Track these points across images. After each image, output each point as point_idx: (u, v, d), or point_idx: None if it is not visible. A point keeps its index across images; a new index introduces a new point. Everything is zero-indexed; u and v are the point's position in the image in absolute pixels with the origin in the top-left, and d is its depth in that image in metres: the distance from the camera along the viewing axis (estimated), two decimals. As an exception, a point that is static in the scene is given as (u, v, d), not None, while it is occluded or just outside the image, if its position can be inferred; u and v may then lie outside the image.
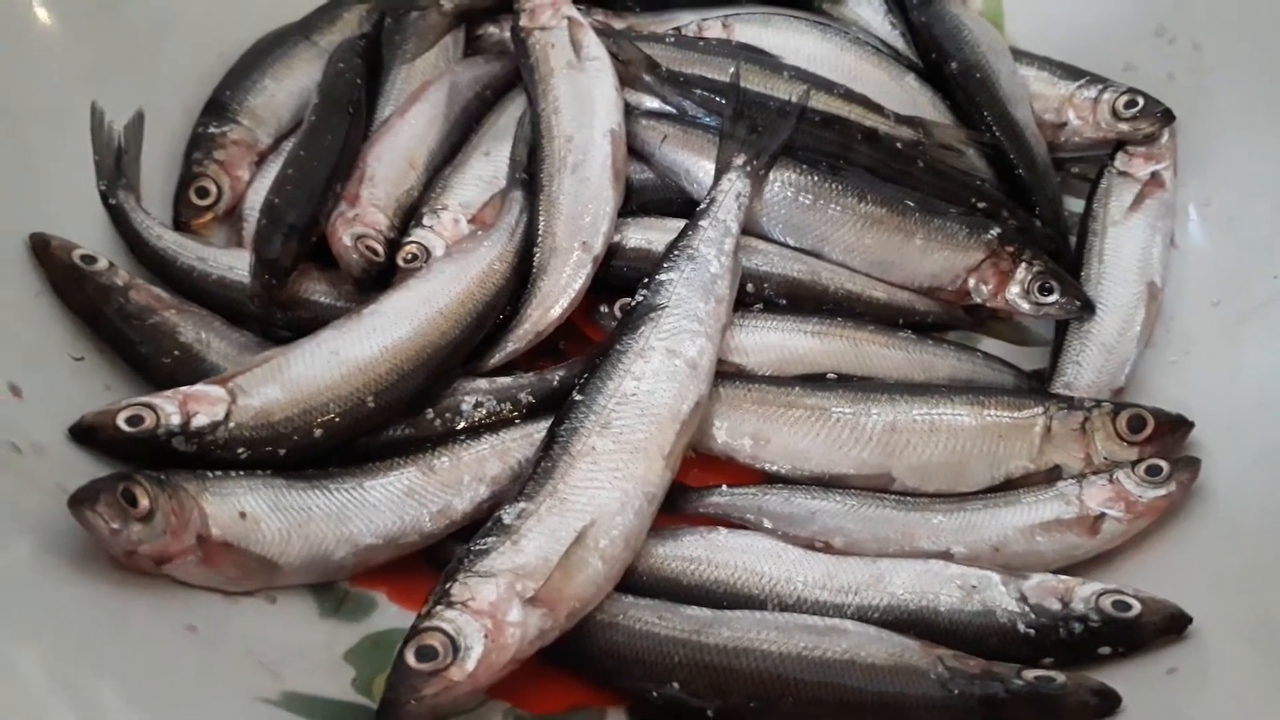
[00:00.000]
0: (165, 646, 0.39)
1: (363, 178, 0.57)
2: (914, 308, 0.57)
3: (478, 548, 0.44)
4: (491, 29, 0.66)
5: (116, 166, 0.56)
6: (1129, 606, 0.44)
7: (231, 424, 0.47)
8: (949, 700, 0.42)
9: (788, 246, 0.58)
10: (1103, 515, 0.49)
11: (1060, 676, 0.43)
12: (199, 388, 0.47)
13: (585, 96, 0.59)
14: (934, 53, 0.65)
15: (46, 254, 0.50)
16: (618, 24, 0.66)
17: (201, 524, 0.43)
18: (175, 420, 0.46)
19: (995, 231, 0.56)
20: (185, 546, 0.42)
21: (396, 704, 0.40)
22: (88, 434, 0.45)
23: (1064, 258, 0.59)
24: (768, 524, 0.51)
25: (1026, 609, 0.45)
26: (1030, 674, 0.43)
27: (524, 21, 0.61)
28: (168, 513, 0.42)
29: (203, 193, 0.58)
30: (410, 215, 0.57)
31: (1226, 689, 0.41)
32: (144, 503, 0.41)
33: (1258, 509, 0.48)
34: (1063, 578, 0.47)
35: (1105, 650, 0.45)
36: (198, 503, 0.43)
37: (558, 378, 0.52)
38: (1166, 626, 0.44)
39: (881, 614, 0.46)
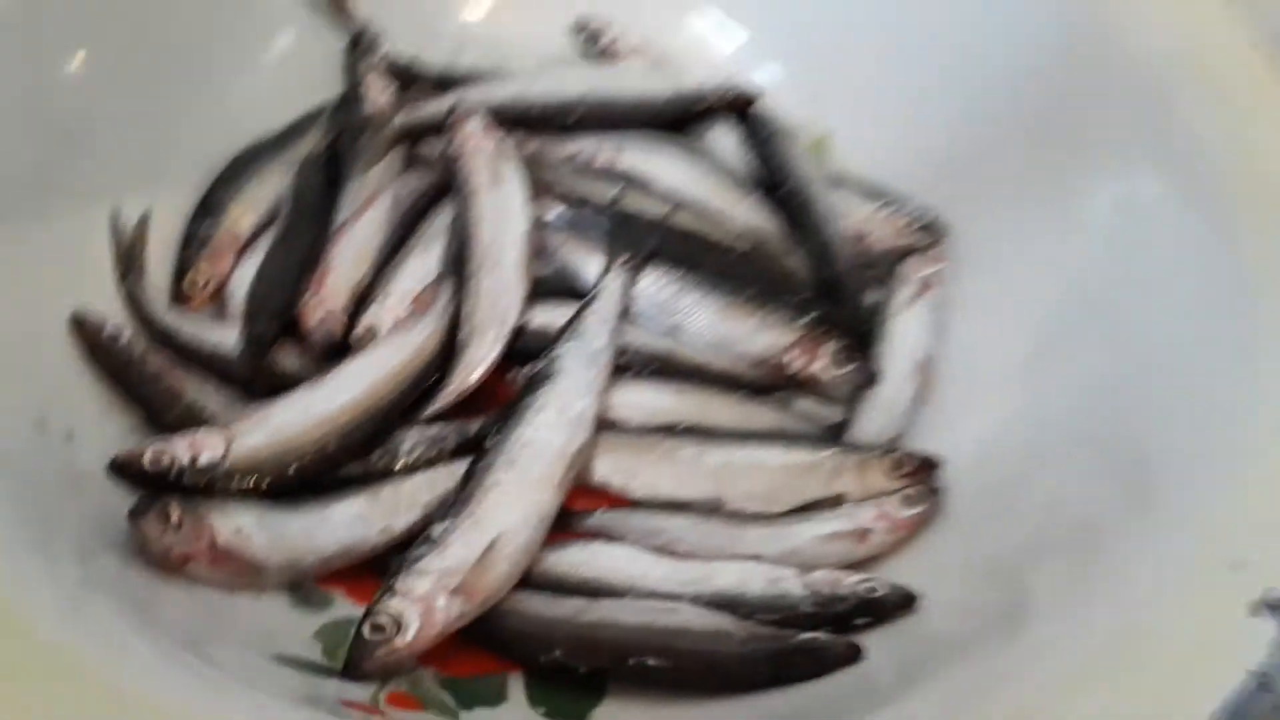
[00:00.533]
0: (198, 619, 0.51)
1: (325, 271, 0.67)
2: (747, 375, 0.69)
3: (414, 554, 0.55)
4: (427, 149, 0.76)
5: (129, 258, 0.66)
6: (875, 590, 0.58)
7: (228, 463, 0.57)
8: (747, 654, 0.55)
9: (652, 326, 0.68)
10: (871, 529, 0.61)
11: (825, 637, 0.55)
12: (202, 433, 0.58)
13: (502, 209, 0.69)
14: (770, 176, 0.76)
15: (83, 328, 0.61)
16: (530, 145, 0.75)
17: (210, 535, 0.54)
18: (185, 459, 0.56)
19: (807, 318, 0.68)
20: (200, 550, 0.53)
21: (357, 664, 0.52)
22: (121, 469, 0.56)
23: (862, 338, 0.70)
24: (632, 537, 0.61)
25: (809, 594, 0.58)
26: (805, 636, 0.56)
27: (455, 146, 0.71)
28: (190, 524, 0.53)
29: (194, 282, 0.67)
30: (363, 300, 0.67)
31: (943, 644, 0.54)
32: (175, 516, 0.53)
33: (981, 524, 0.61)
34: (836, 572, 0.59)
35: (860, 621, 0.57)
36: (207, 519, 0.54)
37: (476, 427, 0.63)
38: (902, 604, 0.57)
39: (709, 599, 0.57)
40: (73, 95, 0.63)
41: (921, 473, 0.64)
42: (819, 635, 0.57)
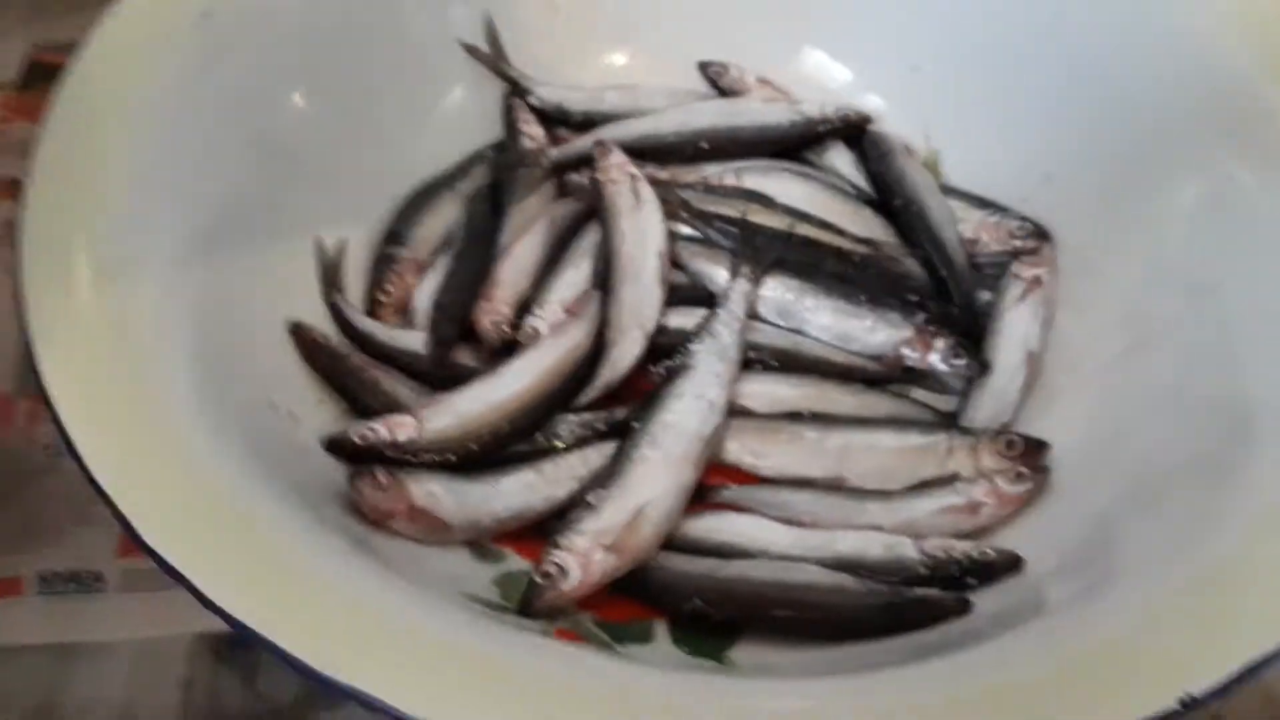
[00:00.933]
0: (404, 559, 0.61)
1: (494, 284, 0.76)
2: (865, 368, 0.75)
3: (574, 516, 0.63)
4: (574, 177, 0.85)
5: (331, 277, 0.77)
6: (987, 554, 0.63)
7: (421, 440, 0.67)
8: (866, 605, 0.61)
9: (779, 326, 0.76)
10: (981, 504, 0.67)
11: (937, 592, 0.61)
12: (398, 416, 0.67)
13: (641, 228, 0.78)
14: (885, 192, 0.83)
15: (299, 334, 0.72)
16: (663, 174, 0.84)
17: (409, 496, 0.64)
18: (386, 437, 0.66)
19: (921, 316, 0.74)
20: (401, 509, 0.63)
21: (530, 604, 0.60)
22: (336, 445, 0.66)
23: (974, 333, 0.77)
24: (760, 509, 0.68)
25: (924, 557, 0.63)
26: (919, 590, 0.62)
27: (599, 176, 0.81)
28: (394, 487, 0.63)
29: (386, 293, 0.78)
30: (525, 308, 0.76)
31: (1039, 595, 0.60)
32: (383, 480, 0.63)
33: (1084, 503, 0.66)
34: (949, 539, 0.65)
35: (971, 581, 0.63)
36: (407, 484, 0.64)
37: (622, 413, 0.71)
38: (1010, 567, 0.63)
39: (832, 563, 0.63)
40: (294, 128, 0.75)
41: (1030, 453, 0.69)
42: (932, 590, 0.63)
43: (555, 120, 0.90)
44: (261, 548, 0.49)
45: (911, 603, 0.62)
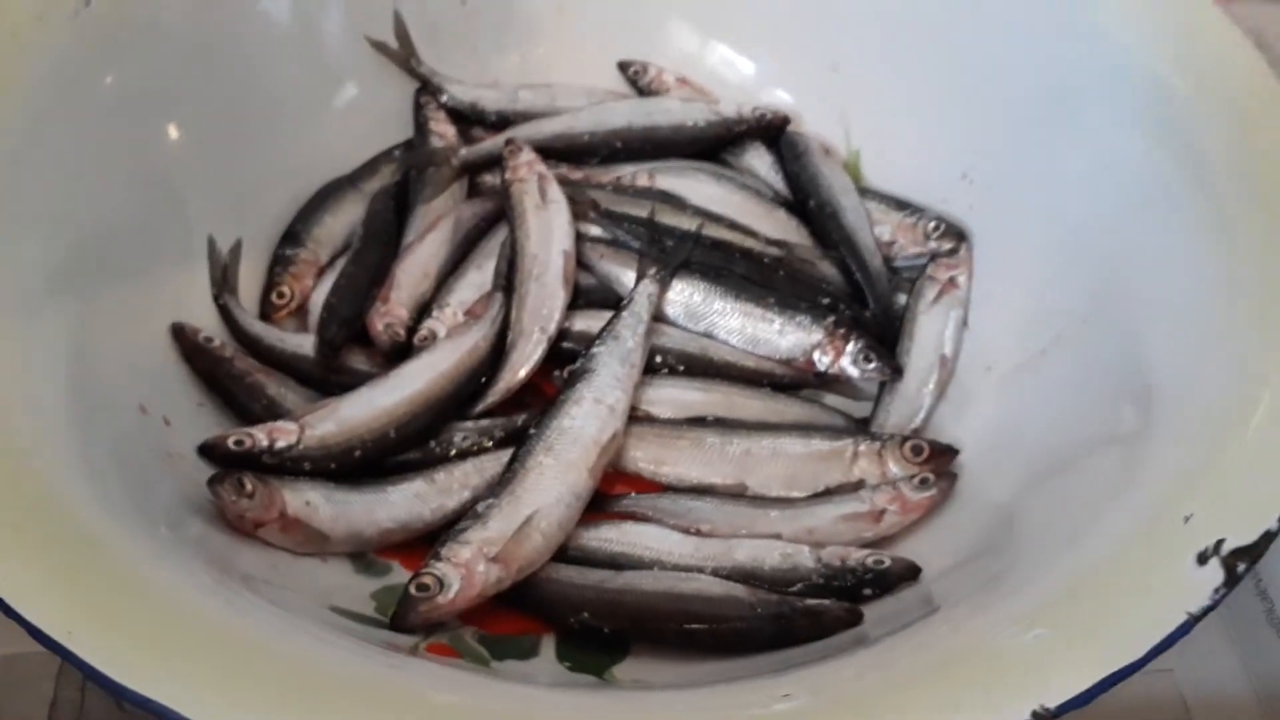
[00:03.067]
0: (265, 571, 0.58)
1: (392, 284, 0.75)
2: (774, 372, 0.74)
3: (459, 526, 0.61)
4: (487, 177, 0.84)
5: (223, 278, 0.74)
6: (882, 562, 0.61)
7: (300, 447, 0.64)
8: (756, 616, 0.59)
9: (685, 329, 0.74)
10: (885, 510, 0.65)
11: (827, 601, 0.59)
12: (280, 423, 0.65)
13: (547, 227, 0.76)
14: (800, 193, 0.82)
15: (181, 336, 0.69)
16: (575, 175, 0.83)
17: (282, 505, 0.61)
18: (264, 443, 0.64)
19: (831, 319, 0.73)
20: (271, 518, 0.60)
21: (403, 617, 0.57)
22: (208, 451, 0.64)
23: (890, 337, 0.76)
24: (660, 517, 0.66)
25: (821, 566, 0.62)
26: (810, 601, 0.60)
27: (507, 175, 0.79)
28: (262, 495, 0.60)
29: (280, 295, 0.76)
30: (424, 310, 0.75)
31: (942, 613, 0.56)
32: (249, 486, 0.60)
33: (986, 501, 0.65)
34: (847, 547, 0.63)
35: (867, 592, 0.61)
36: (279, 491, 0.61)
37: (521, 420, 0.69)
38: (906, 575, 0.61)
39: (728, 572, 0.62)
40: (170, 157, 0.72)
41: (937, 459, 0.68)
42: (822, 600, 0.60)
43: (469, 119, 0.89)
44: (99, 571, 0.46)
45: (801, 613, 0.60)
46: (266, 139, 0.79)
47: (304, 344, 0.73)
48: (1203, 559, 0.45)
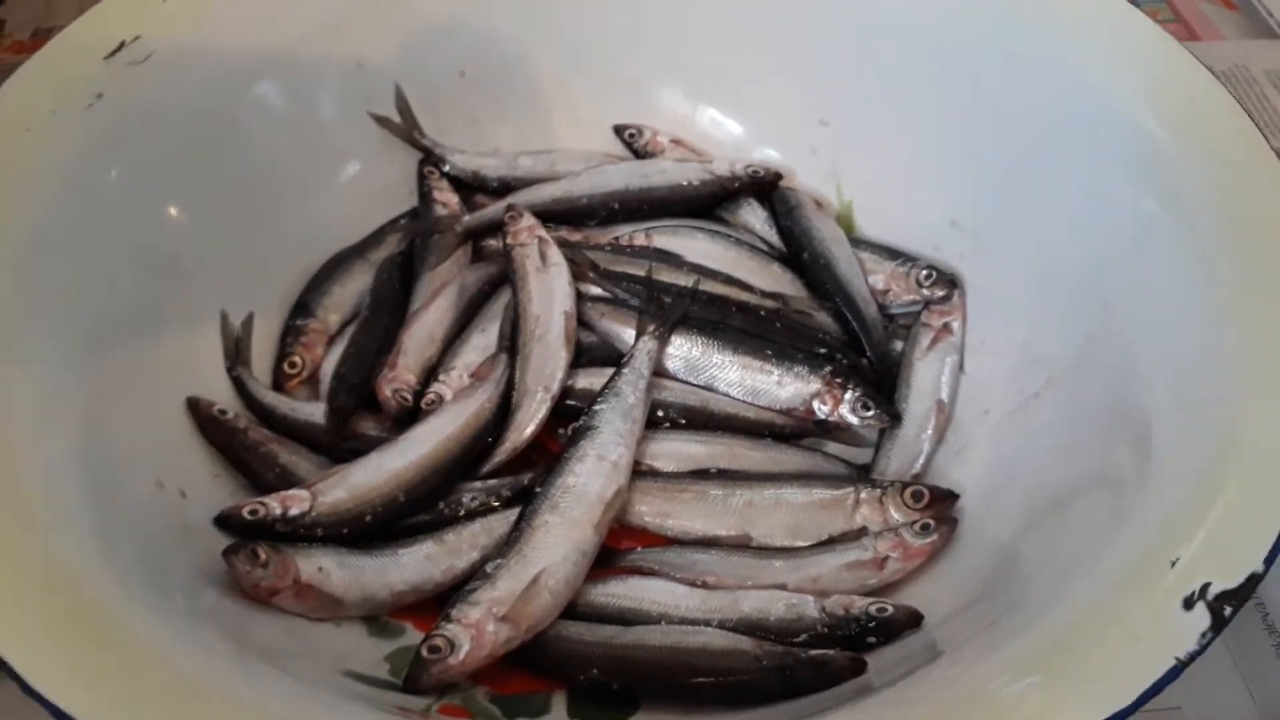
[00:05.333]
0: (280, 638, 0.59)
1: (399, 351, 0.76)
2: (775, 423, 0.75)
3: (468, 587, 0.62)
4: (490, 241, 0.86)
5: (235, 350, 0.77)
6: (886, 610, 0.62)
7: (313, 514, 0.66)
8: (760, 668, 0.59)
9: (686, 383, 0.75)
10: (887, 558, 0.65)
11: (831, 652, 0.60)
12: (292, 491, 0.67)
13: (548, 289, 0.78)
14: (793, 245, 0.84)
15: (196, 409, 0.71)
16: (575, 236, 0.85)
17: (295, 573, 0.62)
18: (277, 512, 0.65)
19: (828, 368, 0.74)
20: (285, 586, 0.62)
21: (415, 679, 0.58)
22: (224, 521, 0.65)
23: (888, 384, 0.77)
24: (666, 571, 0.67)
25: (825, 615, 0.62)
26: (814, 651, 0.60)
27: (509, 240, 0.81)
28: (276, 563, 0.62)
29: (293, 365, 0.78)
30: (431, 373, 0.76)
31: (944, 660, 0.57)
32: (263, 556, 0.61)
33: (987, 543, 0.66)
34: (851, 596, 0.63)
35: (872, 640, 0.61)
36: (293, 559, 0.63)
37: (527, 479, 0.70)
38: (909, 623, 0.61)
39: (734, 624, 0.62)
40: (173, 238, 0.75)
41: (938, 504, 0.69)
42: (826, 651, 0.61)
43: (471, 187, 0.91)
44: (115, 649, 0.48)
45: (805, 664, 0.60)
46: (273, 215, 0.81)
47: (315, 413, 0.74)
48: (1189, 604, 0.45)
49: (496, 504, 0.70)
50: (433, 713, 0.58)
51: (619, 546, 0.70)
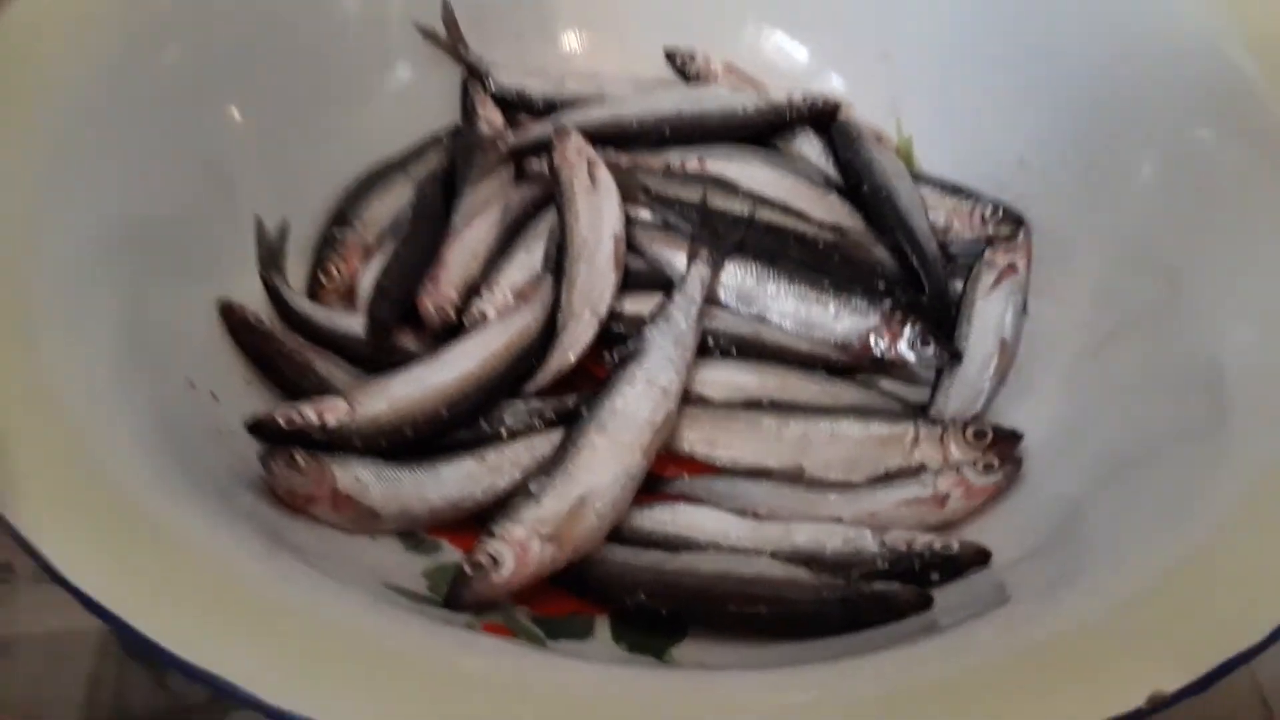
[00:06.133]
0: (318, 545, 0.57)
1: (441, 266, 0.74)
2: (829, 356, 0.72)
3: (512, 504, 0.59)
4: (534, 163, 0.83)
5: (270, 258, 0.74)
6: (950, 547, 0.60)
7: (351, 425, 0.63)
8: (821, 600, 0.57)
9: (738, 313, 0.73)
10: (948, 495, 0.63)
11: (896, 586, 0.57)
12: (329, 400, 0.64)
13: (596, 210, 0.75)
14: (853, 178, 0.81)
15: (229, 313, 0.68)
16: (624, 159, 0.81)
17: (333, 481, 0.60)
18: (314, 420, 0.63)
19: (888, 302, 0.72)
20: (323, 494, 0.59)
21: (456, 595, 0.56)
22: (258, 428, 0.62)
23: (945, 322, 0.74)
24: (715, 500, 0.65)
25: (885, 550, 0.60)
26: (877, 585, 0.58)
27: (556, 160, 0.78)
28: (313, 470, 0.59)
29: (328, 275, 0.75)
30: (473, 291, 0.74)
31: (997, 593, 0.55)
32: (301, 462, 0.59)
33: (1054, 491, 0.63)
34: (912, 531, 0.61)
35: (934, 576, 0.59)
36: (330, 468, 0.60)
37: (572, 401, 0.68)
38: (975, 560, 0.59)
39: (787, 555, 0.60)
40: (223, 137, 0.72)
41: (1001, 444, 0.66)
42: (891, 585, 0.58)
43: (515, 106, 0.88)
44: (150, 540, 0.45)
45: (869, 597, 0.58)
46: (318, 120, 0.78)
47: (353, 324, 0.72)
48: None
49: (539, 424, 0.68)
50: (475, 628, 0.55)
51: (664, 474, 0.67)
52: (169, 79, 0.67)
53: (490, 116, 0.85)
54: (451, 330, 0.72)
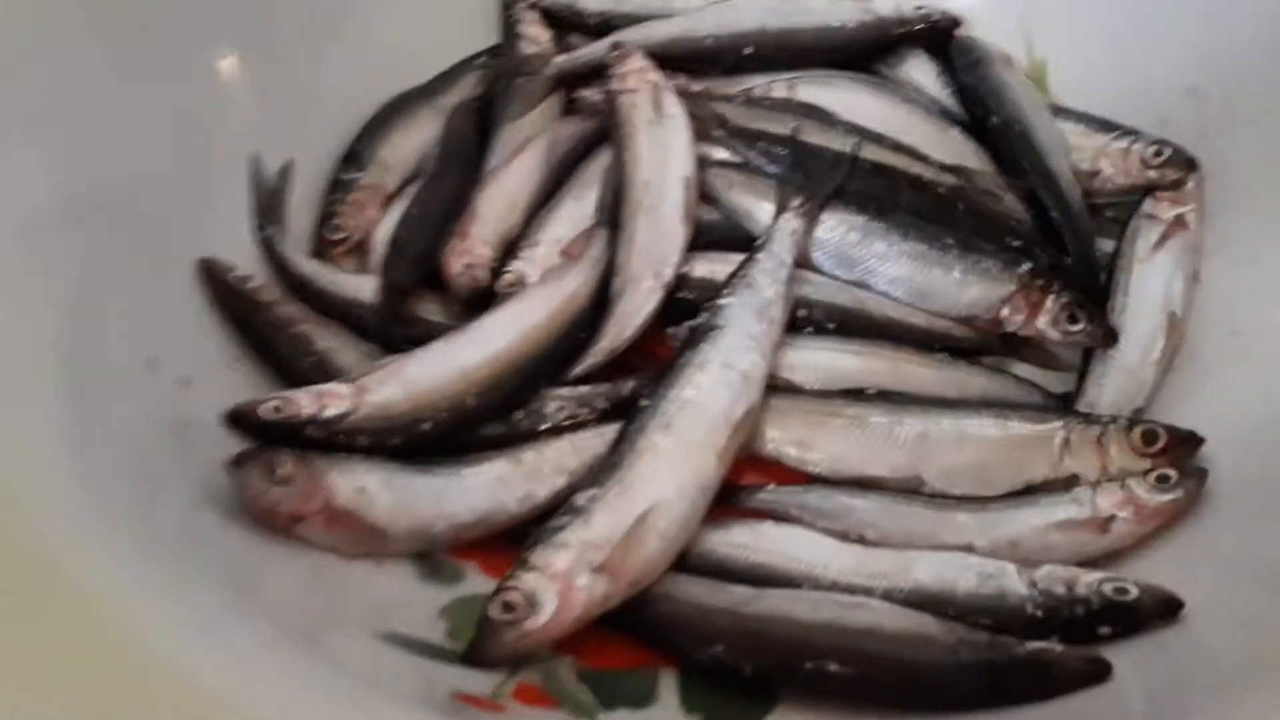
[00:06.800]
0: (303, 588, 0.48)
1: (473, 216, 0.65)
2: (951, 334, 0.63)
3: (554, 524, 0.50)
4: (586, 93, 0.73)
5: (268, 207, 0.65)
6: (1127, 591, 0.49)
7: (356, 416, 0.55)
8: (957, 664, 0.47)
9: (837, 278, 0.63)
10: (1113, 517, 0.53)
11: (1060, 648, 0.47)
12: (330, 385, 0.55)
13: (662, 148, 0.66)
14: (978, 109, 0.71)
15: (211, 275, 0.60)
16: (696, 87, 0.72)
17: (328, 493, 0.51)
18: (309, 411, 0.54)
19: (1027, 266, 0.61)
20: (314, 509, 0.50)
21: (481, 648, 0.47)
22: (238, 419, 0.53)
23: (1095, 292, 0.63)
24: (808, 518, 0.55)
25: (1036, 593, 0.50)
26: (1032, 645, 0.47)
27: (614, 85, 0.69)
28: (302, 480, 0.50)
29: (337, 228, 0.67)
30: (511, 248, 0.65)
31: (1211, 669, 0.45)
32: (285, 469, 0.50)
33: (1260, 518, 0.52)
34: (1070, 568, 0.51)
35: (1105, 630, 0.49)
36: (326, 476, 0.51)
37: (629, 388, 0.59)
38: (1161, 610, 0.49)
39: (905, 596, 0.51)
40: (209, 55, 0.64)
41: (1178, 450, 0.56)
42: (1051, 645, 0.49)
43: (566, 23, 0.78)
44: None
45: (1022, 662, 0.48)
46: (326, 40, 0.70)
47: (364, 287, 0.64)
48: None
49: (589, 417, 0.59)
50: (505, 696, 0.46)
51: (743, 483, 0.58)
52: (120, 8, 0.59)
53: (536, 34, 0.76)
54: (483, 298, 0.64)
